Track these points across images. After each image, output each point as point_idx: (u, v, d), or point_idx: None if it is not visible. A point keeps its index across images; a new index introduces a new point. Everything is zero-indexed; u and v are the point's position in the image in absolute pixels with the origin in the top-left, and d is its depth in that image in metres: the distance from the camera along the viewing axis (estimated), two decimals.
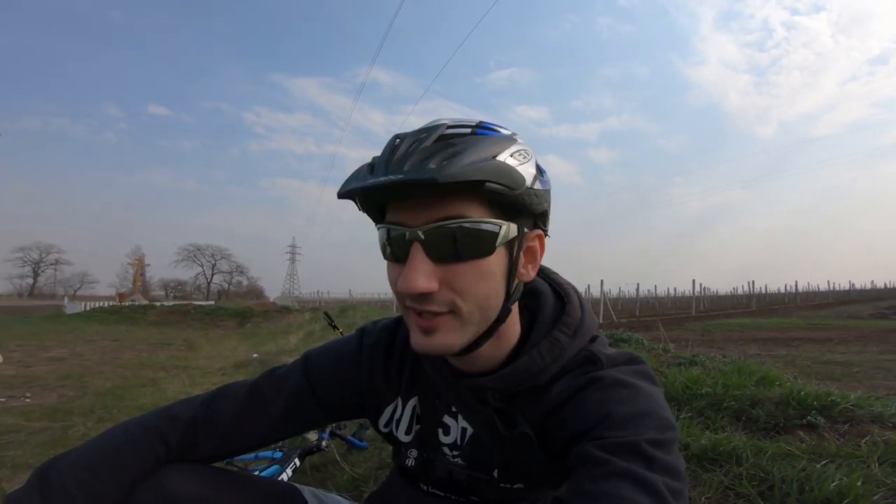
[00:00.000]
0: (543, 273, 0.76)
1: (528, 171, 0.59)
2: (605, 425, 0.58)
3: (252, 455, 2.46)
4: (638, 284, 27.41)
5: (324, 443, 1.87)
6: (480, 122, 0.62)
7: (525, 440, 0.65)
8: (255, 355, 8.14)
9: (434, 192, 0.55)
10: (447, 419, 0.76)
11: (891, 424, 1.69)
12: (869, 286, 51.10)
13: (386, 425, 0.84)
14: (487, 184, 0.54)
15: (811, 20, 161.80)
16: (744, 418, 1.78)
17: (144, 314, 20.20)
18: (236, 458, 2.53)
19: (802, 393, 1.80)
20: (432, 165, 0.53)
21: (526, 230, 0.62)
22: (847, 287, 45.21)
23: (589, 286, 19.76)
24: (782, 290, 37.71)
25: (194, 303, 26.39)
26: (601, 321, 15.84)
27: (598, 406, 0.60)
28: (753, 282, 29.05)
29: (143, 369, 7.08)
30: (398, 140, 0.59)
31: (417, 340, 0.62)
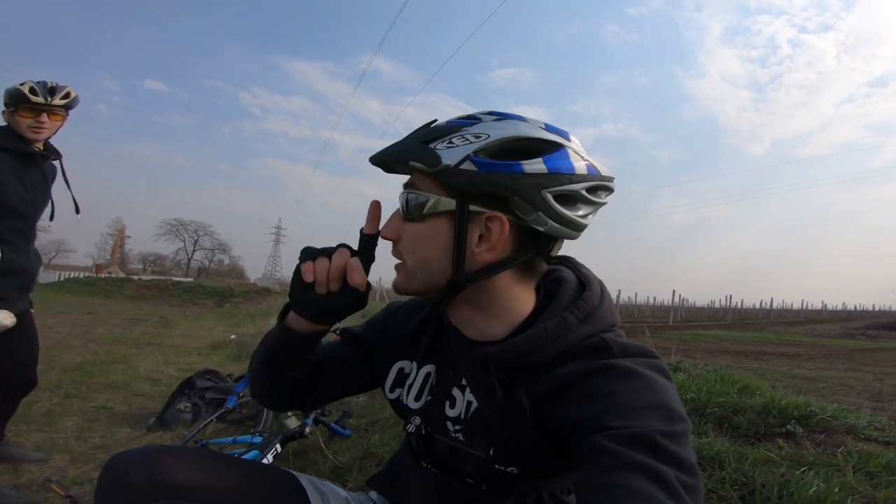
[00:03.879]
0: (572, 264, 0.79)
1: (454, 154, 0.64)
2: (615, 414, 0.57)
3: (230, 438, 2.43)
4: (619, 291, 27.86)
5: (307, 429, 1.84)
6: (472, 114, 0.70)
7: (519, 410, 0.66)
8: (232, 336, 8.01)
9: (399, 168, 0.70)
10: (455, 391, 0.77)
11: (863, 436, 1.75)
12: (840, 307, 52.63)
13: (392, 390, 0.86)
14: (410, 162, 0.66)
15: (818, 39, 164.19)
16: (726, 425, 1.82)
17: (121, 287, 19.76)
18: (213, 440, 2.51)
19: (783, 402, 1.85)
20: (386, 151, 0.70)
21: (477, 209, 0.65)
22: (819, 307, 46.53)
23: None
24: (757, 306, 38.70)
25: (173, 279, 25.92)
26: None
27: (606, 394, 0.60)
28: (731, 296, 29.91)
29: (116, 345, 6.92)
30: (426, 126, 0.72)
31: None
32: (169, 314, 12.96)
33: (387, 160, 0.69)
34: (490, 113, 0.68)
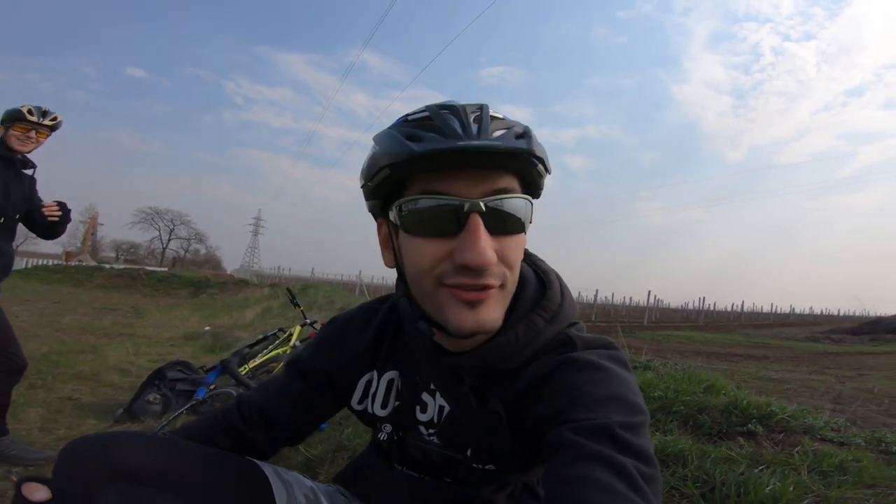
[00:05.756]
0: (529, 258, 0.77)
1: (542, 151, 0.61)
2: (577, 407, 0.58)
3: None
4: (597, 291, 28.25)
5: None
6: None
7: (495, 419, 0.67)
8: (206, 328, 7.86)
9: (495, 164, 0.58)
10: (425, 396, 0.77)
11: (819, 437, 1.82)
12: (807, 311, 54.31)
13: (360, 402, 0.84)
14: (535, 158, 0.59)
15: (800, 47, 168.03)
16: (691, 423, 1.86)
17: (91, 276, 19.21)
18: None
19: (745, 402, 1.91)
20: (516, 138, 0.58)
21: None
22: (787, 310, 47.93)
23: None
24: (729, 308, 39.65)
25: (146, 268, 25.28)
26: None
27: (570, 387, 0.61)
28: (704, 298, 30.49)
29: (84, 335, 6.73)
30: (461, 109, 0.60)
31: (463, 317, 0.60)
32: (141, 304, 12.67)
33: (528, 148, 0.58)
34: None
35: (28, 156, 2.43)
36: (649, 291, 23.37)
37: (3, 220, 2.34)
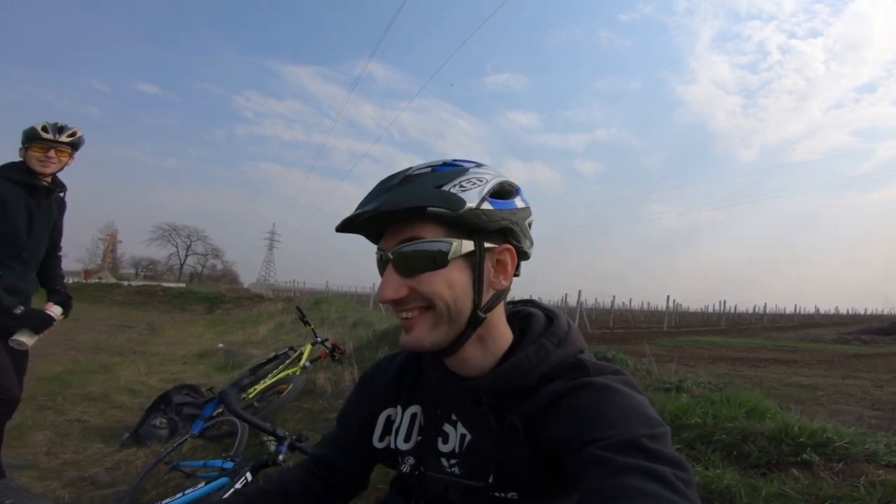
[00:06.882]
0: (536, 304, 0.85)
1: (471, 196, 0.68)
2: (599, 426, 0.60)
3: (200, 462, 2.27)
4: (614, 297, 27.74)
5: (280, 456, 1.69)
6: (445, 160, 0.73)
7: (513, 433, 0.69)
8: (220, 345, 7.83)
9: (397, 219, 0.69)
10: (447, 427, 0.79)
11: (884, 463, 1.61)
12: (833, 311, 52.88)
13: (381, 439, 0.86)
14: (429, 209, 0.66)
15: (807, 45, 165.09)
16: (735, 453, 1.68)
17: (109, 293, 19.51)
18: (183, 463, 2.35)
19: (796, 428, 1.70)
20: (385, 200, 0.68)
21: (490, 245, 0.71)
22: (812, 311, 46.69)
23: (566, 295, 19.87)
24: (750, 311, 38.73)
25: (163, 284, 25.61)
26: None
27: (588, 409, 0.64)
28: (724, 301, 29.75)
29: (98, 353, 6.74)
30: (388, 178, 0.72)
31: (404, 338, 0.73)
32: (158, 320, 12.74)
33: (396, 207, 0.67)
34: (461, 161, 0.74)
35: (58, 176, 2.33)
36: (668, 296, 22.83)
37: (24, 253, 2.23)
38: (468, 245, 0.69)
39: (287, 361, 3.87)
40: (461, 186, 0.68)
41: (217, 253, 61.44)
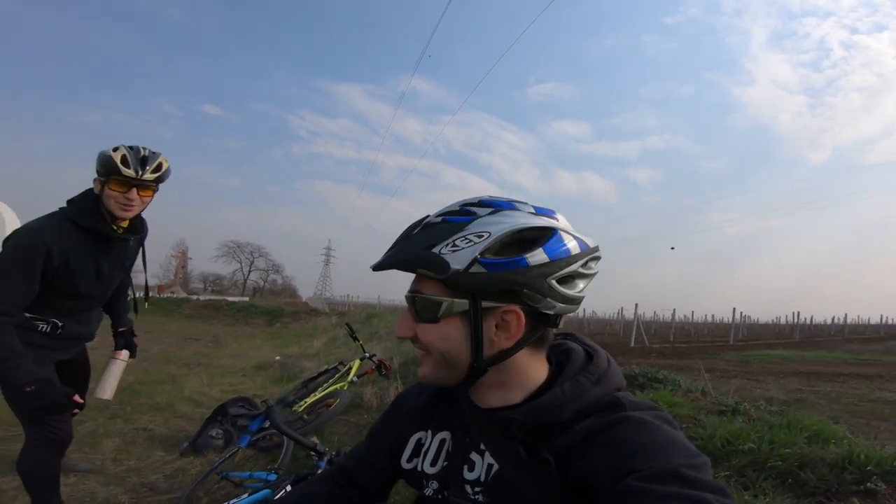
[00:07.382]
0: (576, 338, 0.84)
1: (461, 257, 0.66)
2: (636, 458, 0.60)
3: (247, 473, 2.38)
4: (674, 310, 26.39)
5: (319, 471, 1.75)
6: (466, 204, 0.72)
7: (545, 467, 0.67)
8: (277, 358, 8.17)
9: (408, 271, 0.72)
10: (474, 455, 0.79)
11: None
12: None
13: (409, 460, 0.88)
14: (418, 270, 0.70)
15: (873, 39, 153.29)
16: (790, 480, 1.54)
17: (179, 307, 20.85)
18: (232, 473, 2.45)
19: (863, 456, 1.54)
20: (391, 254, 0.72)
21: (490, 304, 0.68)
22: None
23: (622, 308, 19.17)
24: (829, 322, 35.67)
25: (227, 299, 27.10)
26: (633, 345, 15.27)
27: (626, 441, 0.63)
28: (798, 312, 27.57)
29: (168, 364, 7.18)
30: (408, 227, 0.76)
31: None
32: (222, 333, 13.48)
33: (391, 267, 0.71)
34: (481, 204, 0.71)
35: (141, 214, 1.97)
36: (734, 308, 21.41)
37: (89, 304, 2.04)
38: (461, 304, 0.69)
39: (336, 376, 3.98)
40: (454, 246, 0.67)
41: (277, 268, 64.49)
